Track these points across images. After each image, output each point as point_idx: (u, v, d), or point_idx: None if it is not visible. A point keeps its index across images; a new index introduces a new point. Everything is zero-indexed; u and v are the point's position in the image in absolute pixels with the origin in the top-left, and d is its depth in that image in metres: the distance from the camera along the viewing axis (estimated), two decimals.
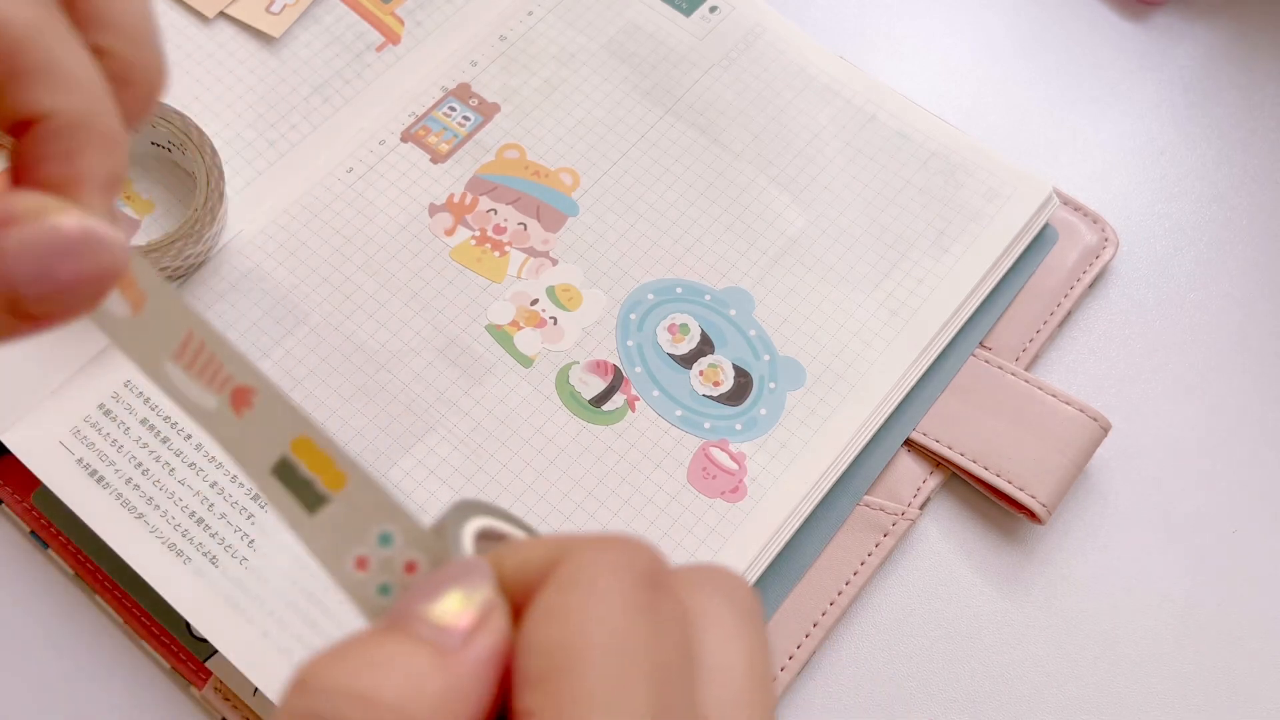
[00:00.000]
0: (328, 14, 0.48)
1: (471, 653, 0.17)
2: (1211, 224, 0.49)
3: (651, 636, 0.17)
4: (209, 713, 0.39)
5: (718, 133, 0.47)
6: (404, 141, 0.46)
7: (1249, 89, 0.52)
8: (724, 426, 0.41)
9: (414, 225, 0.44)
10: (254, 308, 0.42)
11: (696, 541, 0.39)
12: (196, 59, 0.47)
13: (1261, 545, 0.43)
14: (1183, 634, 0.40)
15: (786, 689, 0.39)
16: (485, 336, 0.42)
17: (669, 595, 0.18)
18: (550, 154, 0.46)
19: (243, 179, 0.45)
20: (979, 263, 0.45)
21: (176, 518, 0.38)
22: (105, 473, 0.39)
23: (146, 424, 0.40)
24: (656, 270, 0.44)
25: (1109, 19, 0.53)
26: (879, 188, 0.46)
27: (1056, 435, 0.42)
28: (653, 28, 0.49)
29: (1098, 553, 0.42)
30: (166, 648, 0.39)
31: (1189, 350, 0.46)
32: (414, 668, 0.17)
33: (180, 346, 0.21)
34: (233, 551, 0.38)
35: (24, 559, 0.41)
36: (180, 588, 0.37)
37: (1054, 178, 0.49)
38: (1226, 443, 0.45)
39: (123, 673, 0.39)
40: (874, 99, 0.48)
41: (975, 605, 0.41)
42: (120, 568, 0.38)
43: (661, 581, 0.18)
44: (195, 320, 0.21)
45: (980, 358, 0.44)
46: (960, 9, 0.54)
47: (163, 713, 0.39)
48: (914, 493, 0.42)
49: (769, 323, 0.43)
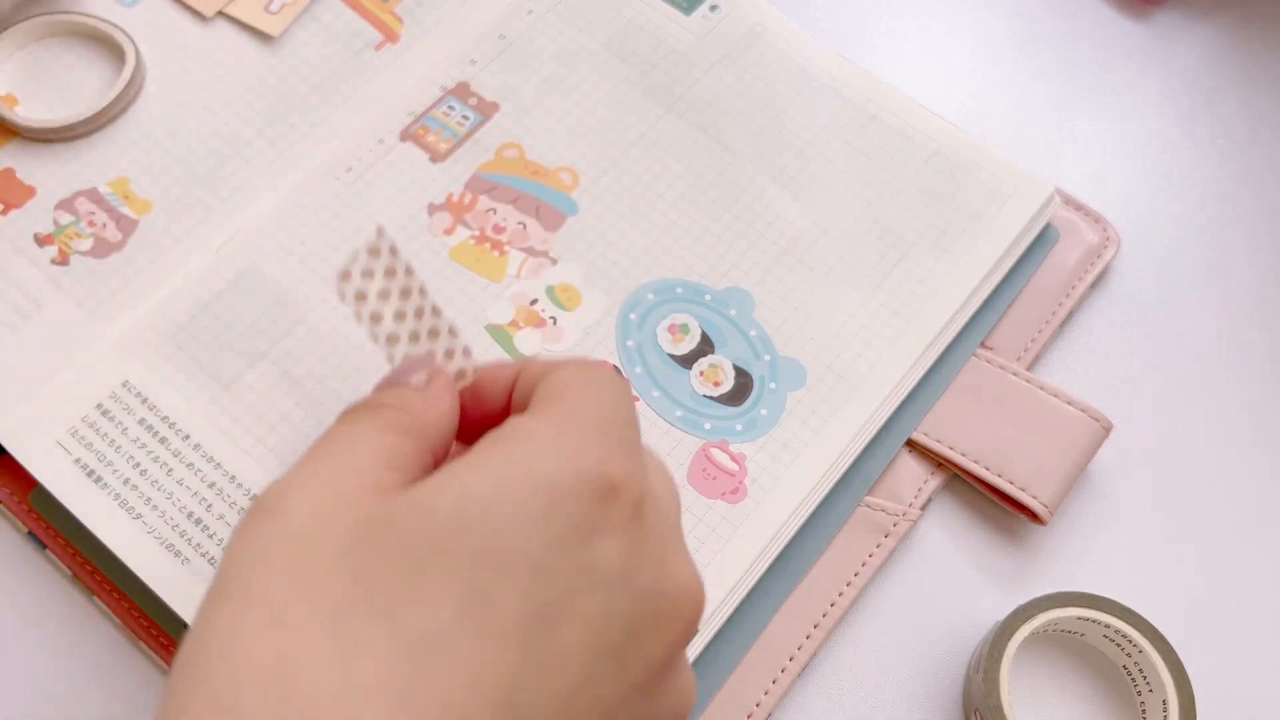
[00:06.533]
0: (326, 12, 0.48)
1: (438, 380, 0.30)
2: (1214, 223, 0.49)
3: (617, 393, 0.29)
4: None
5: (718, 132, 0.47)
6: (403, 140, 0.46)
7: (1251, 88, 0.52)
8: (724, 427, 0.41)
9: (413, 225, 0.44)
10: (252, 307, 0.42)
11: (697, 542, 0.39)
12: (196, 58, 0.47)
13: (1262, 545, 0.43)
14: (1183, 634, 0.40)
15: (787, 690, 0.39)
16: (485, 336, 0.42)
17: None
18: (550, 153, 0.46)
19: (241, 178, 0.45)
20: (980, 262, 0.45)
21: (174, 518, 0.38)
22: (103, 473, 0.39)
23: (144, 424, 0.40)
24: (656, 270, 0.44)
25: (1110, 18, 0.53)
26: (880, 187, 0.46)
27: (1058, 435, 0.42)
28: (653, 27, 0.49)
29: (1099, 553, 0.42)
30: (165, 648, 0.39)
31: (1191, 350, 0.46)
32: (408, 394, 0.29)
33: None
34: None
35: (21, 560, 0.40)
36: (178, 589, 0.37)
37: (1055, 177, 0.49)
38: (1228, 443, 0.44)
39: (122, 673, 0.39)
40: (874, 99, 0.48)
41: (977, 605, 0.41)
42: (118, 568, 0.38)
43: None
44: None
45: (981, 358, 0.44)
46: (961, 9, 0.54)
47: None
48: (915, 493, 0.42)
49: (769, 323, 0.43)
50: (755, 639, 0.39)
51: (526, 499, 0.25)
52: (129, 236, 0.43)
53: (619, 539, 0.26)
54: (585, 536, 0.25)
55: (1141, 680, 0.39)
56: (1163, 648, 0.38)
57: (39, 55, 0.47)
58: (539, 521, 0.25)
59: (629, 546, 0.26)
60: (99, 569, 0.39)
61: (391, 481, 0.26)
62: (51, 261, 0.43)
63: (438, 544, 0.24)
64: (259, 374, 0.41)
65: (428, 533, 0.24)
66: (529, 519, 0.25)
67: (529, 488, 0.25)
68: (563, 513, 0.25)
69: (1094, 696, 0.40)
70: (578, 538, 0.25)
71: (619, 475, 0.26)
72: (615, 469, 0.26)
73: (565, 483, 0.25)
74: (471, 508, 0.25)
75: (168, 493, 0.38)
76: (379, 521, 0.25)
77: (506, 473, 0.25)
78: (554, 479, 0.25)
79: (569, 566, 0.25)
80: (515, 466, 0.25)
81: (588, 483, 0.25)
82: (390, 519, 0.25)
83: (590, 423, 0.27)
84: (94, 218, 0.44)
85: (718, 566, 0.39)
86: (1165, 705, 0.37)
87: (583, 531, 0.25)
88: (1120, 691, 0.40)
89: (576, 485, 0.25)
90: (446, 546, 0.24)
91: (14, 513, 0.40)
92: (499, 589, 0.24)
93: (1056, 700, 0.40)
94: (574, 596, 0.25)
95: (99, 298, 0.42)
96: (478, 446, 0.26)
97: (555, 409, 0.27)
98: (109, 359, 0.41)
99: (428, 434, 0.28)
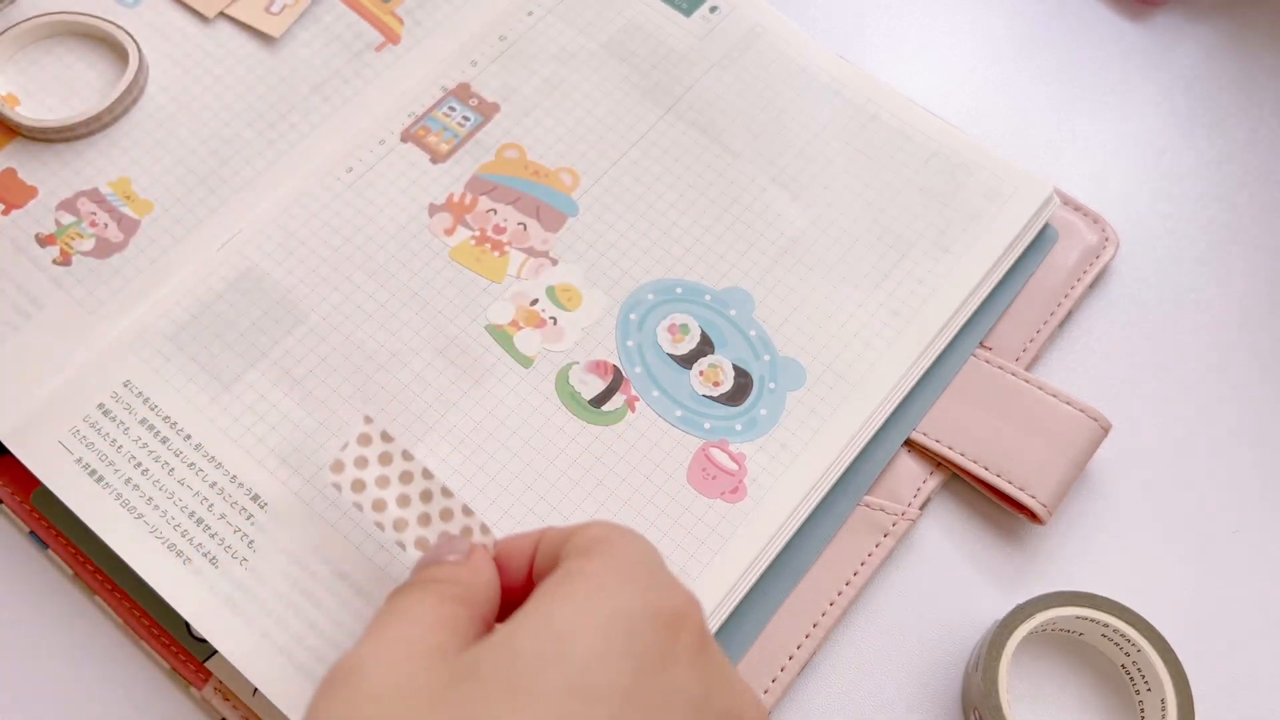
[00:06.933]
0: (327, 13, 0.48)
1: (478, 552, 0.32)
2: (1212, 224, 0.49)
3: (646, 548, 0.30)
4: (209, 713, 0.39)
5: (718, 132, 0.47)
6: (404, 141, 0.46)
7: (1250, 88, 0.52)
8: (724, 427, 0.41)
9: (413, 225, 0.44)
10: (253, 307, 0.42)
11: (696, 542, 0.39)
12: (196, 59, 0.47)
13: (1261, 545, 0.43)
14: (1182, 633, 0.40)
15: (786, 689, 0.39)
16: (485, 337, 0.42)
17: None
18: (550, 154, 0.46)
19: (242, 178, 0.45)
20: (979, 262, 0.45)
21: (176, 518, 0.38)
22: (105, 473, 0.39)
23: (146, 424, 0.40)
24: (656, 270, 0.44)
25: (1109, 19, 0.53)
26: (879, 188, 0.46)
27: (1057, 435, 0.42)
28: (653, 28, 0.49)
29: (1098, 553, 0.42)
30: (166, 648, 0.39)
31: (1189, 350, 0.46)
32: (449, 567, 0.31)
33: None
34: (232, 552, 0.38)
35: (23, 559, 0.41)
36: (180, 588, 0.37)
37: (1054, 177, 0.49)
38: (1227, 443, 0.45)
39: (123, 673, 0.39)
40: (874, 99, 0.48)
41: (976, 605, 0.41)
42: (120, 568, 0.38)
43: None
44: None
45: (981, 358, 0.44)
46: (960, 9, 0.54)
47: (163, 713, 0.39)
48: (914, 493, 0.42)
49: (769, 323, 0.43)
50: (755, 638, 0.39)
51: (606, 632, 0.26)
52: (130, 236, 0.43)
53: (694, 666, 0.27)
54: (664, 665, 0.26)
55: (1140, 679, 0.39)
56: (1161, 647, 0.38)
57: (41, 55, 0.47)
58: (621, 653, 0.25)
59: (703, 672, 0.27)
60: (100, 568, 0.39)
61: (455, 646, 0.27)
62: (53, 261, 0.43)
63: (525, 684, 0.25)
64: (260, 373, 0.41)
65: (513, 675, 0.25)
66: (612, 651, 0.25)
67: (606, 621, 0.26)
68: (640, 642, 0.26)
69: (1092, 696, 0.40)
70: (658, 666, 0.26)
71: (683, 606, 0.27)
72: (678, 600, 0.27)
73: (638, 614, 0.26)
74: (553, 644, 0.25)
75: (169, 492, 0.39)
76: (461, 672, 0.26)
77: (580, 609, 0.26)
78: (628, 612, 0.26)
79: (655, 694, 0.25)
80: (587, 602, 0.26)
81: (658, 614, 0.27)
82: (474, 667, 0.26)
83: (640, 562, 0.28)
84: (95, 218, 0.44)
85: (717, 566, 0.39)
86: (1164, 704, 0.37)
87: (662, 660, 0.26)
88: (1119, 691, 0.40)
89: (648, 616, 0.26)
90: (534, 686, 0.25)
91: (16, 512, 0.40)
92: (593, 718, 0.25)
93: (1055, 699, 0.40)
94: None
95: (100, 297, 0.42)
96: (537, 594, 0.27)
97: (602, 553, 0.28)
98: (111, 359, 0.41)
99: (478, 602, 0.30)
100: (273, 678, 0.36)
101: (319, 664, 0.36)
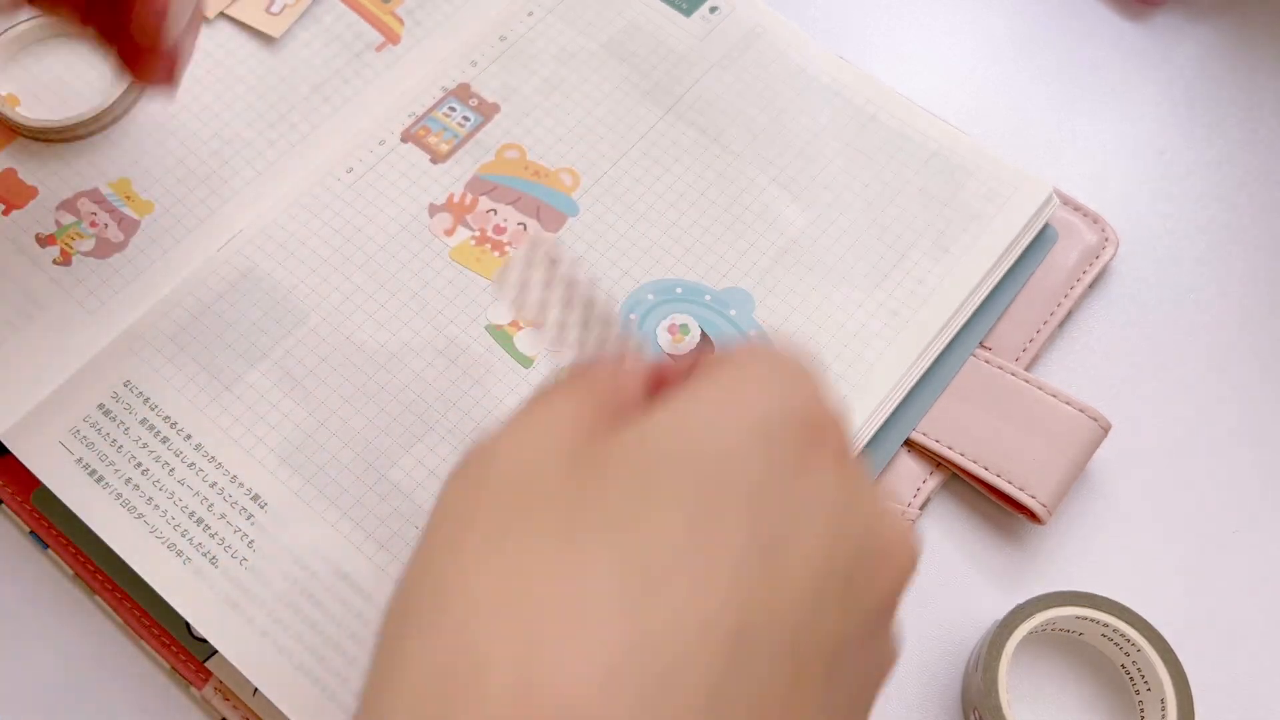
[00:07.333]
0: (328, 14, 0.49)
1: (632, 359, 0.29)
2: (1212, 224, 0.49)
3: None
4: (209, 713, 0.39)
5: (718, 133, 0.47)
6: (404, 141, 0.46)
7: (1250, 89, 0.52)
8: None
9: (414, 225, 0.44)
10: (253, 307, 0.42)
11: None
12: (196, 59, 0.47)
13: (1261, 545, 0.43)
14: (1181, 633, 0.40)
15: None
16: (485, 336, 0.42)
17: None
18: (550, 154, 0.46)
19: (242, 179, 0.45)
20: (979, 263, 0.45)
21: (176, 518, 0.38)
22: (105, 473, 0.39)
23: (146, 424, 0.40)
24: (656, 270, 0.44)
25: (1109, 19, 0.53)
26: (879, 188, 0.46)
27: (1056, 435, 0.42)
28: (653, 28, 0.49)
29: (1098, 553, 0.42)
30: (166, 648, 0.39)
31: (1189, 350, 0.46)
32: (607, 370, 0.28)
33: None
34: (232, 551, 0.38)
35: (23, 559, 0.41)
36: (180, 588, 0.37)
37: (1054, 178, 0.49)
38: (1227, 443, 0.45)
39: (123, 673, 0.39)
40: (874, 99, 0.48)
41: (976, 605, 0.41)
42: (120, 568, 0.38)
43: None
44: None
45: (980, 358, 0.44)
46: (960, 9, 0.54)
47: (163, 713, 0.39)
48: (914, 493, 0.42)
49: (769, 323, 0.43)
50: None
51: (745, 430, 0.25)
52: (131, 237, 0.43)
53: (834, 473, 0.25)
54: (803, 467, 0.25)
55: (1140, 679, 0.39)
56: (1161, 647, 0.38)
57: (41, 55, 0.47)
58: (759, 451, 0.25)
59: (843, 481, 0.26)
60: (100, 568, 0.39)
61: (590, 444, 0.26)
62: (53, 262, 0.43)
63: (658, 473, 0.24)
64: (260, 374, 0.41)
65: (647, 463, 0.24)
66: (749, 449, 0.24)
67: (746, 419, 0.25)
68: (779, 443, 0.25)
69: (1092, 695, 0.40)
70: (797, 468, 0.25)
71: (827, 417, 0.26)
72: (823, 411, 0.26)
73: (776, 417, 0.25)
74: (691, 438, 0.25)
75: (169, 492, 0.39)
76: (597, 455, 0.25)
77: (722, 404, 0.25)
78: (765, 414, 0.25)
79: (791, 496, 0.24)
80: (729, 397, 0.25)
81: (801, 419, 0.25)
82: (608, 452, 0.25)
83: (789, 369, 0.27)
84: (96, 218, 0.44)
85: None
86: (1163, 704, 0.37)
87: (801, 463, 0.25)
88: (1119, 690, 0.40)
89: (790, 419, 0.25)
90: (667, 476, 0.24)
91: (16, 512, 0.40)
92: (724, 518, 0.24)
93: (1055, 699, 0.40)
94: (798, 528, 0.24)
95: (101, 298, 0.42)
96: (674, 392, 0.26)
97: (759, 355, 0.27)
98: (111, 359, 0.41)
99: (622, 408, 0.28)
100: (273, 678, 0.36)
101: (319, 664, 0.36)
